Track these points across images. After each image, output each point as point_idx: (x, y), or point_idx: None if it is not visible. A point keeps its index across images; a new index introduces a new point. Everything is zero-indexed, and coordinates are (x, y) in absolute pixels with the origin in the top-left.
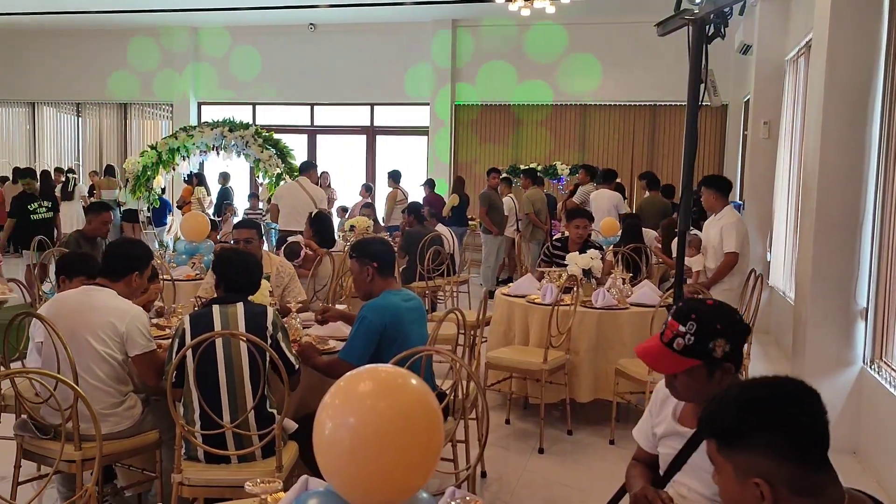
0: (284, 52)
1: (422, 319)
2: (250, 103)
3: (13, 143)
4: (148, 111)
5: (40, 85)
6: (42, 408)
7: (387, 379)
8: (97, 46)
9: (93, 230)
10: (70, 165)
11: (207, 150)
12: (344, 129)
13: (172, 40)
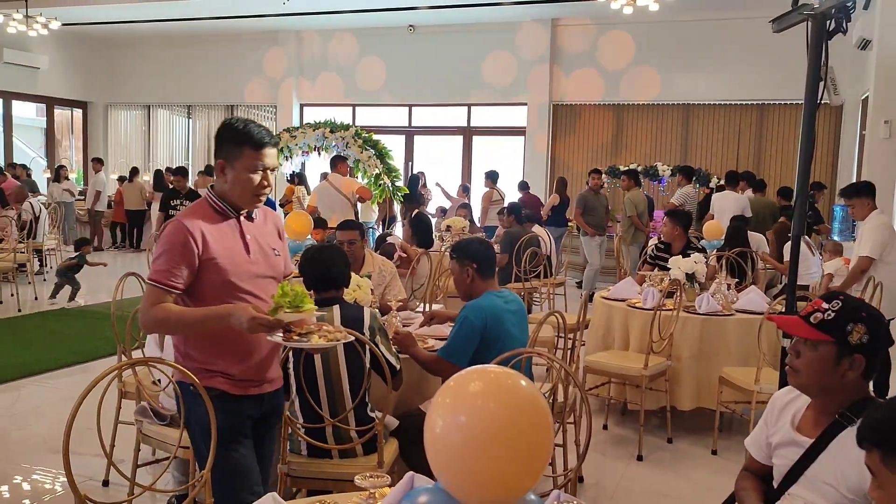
0: (383, 53)
1: (523, 321)
2: (350, 105)
3: (130, 143)
4: (253, 113)
5: (155, 89)
6: (160, 395)
7: (497, 379)
8: (206, 52)
9: None
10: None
11: (309, 151)
12: (441, 130)
13: (277, 44)
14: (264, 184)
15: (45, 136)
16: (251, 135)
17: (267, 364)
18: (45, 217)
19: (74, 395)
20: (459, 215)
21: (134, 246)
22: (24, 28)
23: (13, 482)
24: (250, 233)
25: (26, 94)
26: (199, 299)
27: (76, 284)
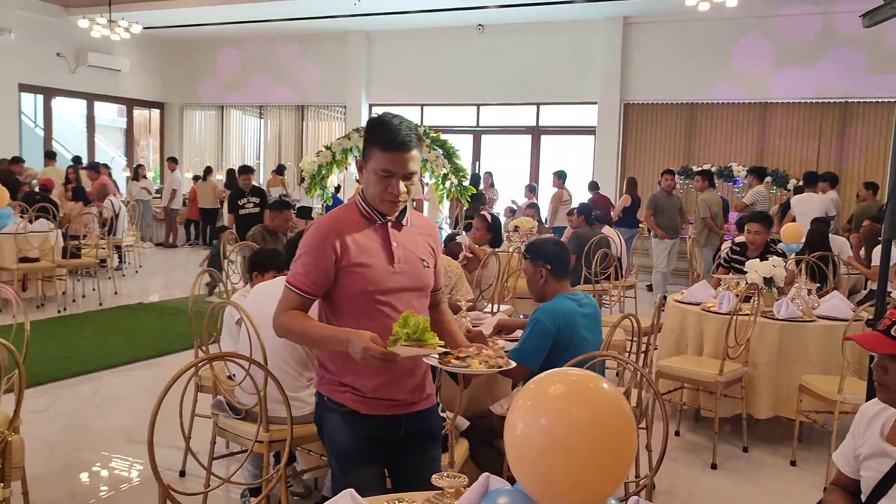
0: (452, 53)
1: (596, 324)
2: (418, 104)
3: (204, 143)
4: (323, 113)
5: (228, 90)
6: (235, 390)
7: (578, 382)
8: (278, 53)
9: (275, 226)
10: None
11: None
12: (509, 130)
13: (346, 45)
14: (392, 191)
15: (124, 136)
16: (381, 135)
17: (409, 383)
18: (125, 214)
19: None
20: (527, 215)
21: (207, 243)
22: (107, 32)
23: (92, 470)
24: (398, 241)
25: (108, 96)
26: (337, 307)
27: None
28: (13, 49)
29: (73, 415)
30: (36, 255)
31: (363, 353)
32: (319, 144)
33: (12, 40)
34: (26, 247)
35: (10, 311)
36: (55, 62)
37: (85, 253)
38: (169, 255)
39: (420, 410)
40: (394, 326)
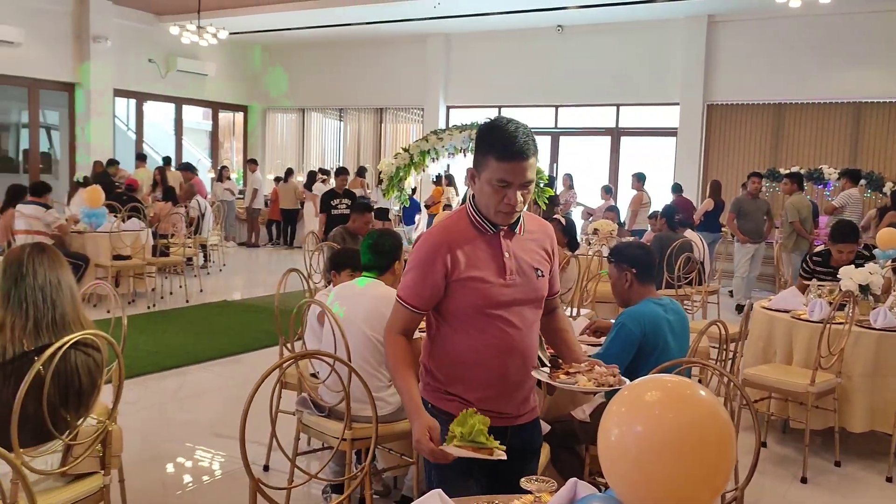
0: (531, 54)
1: (682, 330)
2: (496, 106)
3: (286, 145)
4: (401, 115)
5: (309, 93)
6: (319, 387)
7: (675, 389)
8: (358, 56)
9: (356, 228)
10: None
11: (456, 153)
12: (588, 131)
13: (426, 48)
14: (508, 202)
15: (209, 139)
16: (497, 142)
17: (516, 396)
18: (210, 214)
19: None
20: (607, 218)
21: (288, 243)
22: (196, 38)
23: (177, 461)
24: (510, 251)
25: (195, 100)
26: (448, 319)
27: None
28: (109, 55)
29: (160, 407)
30: (128, 253)
31: (416, 444)
32: (397, 146)
33: (109, 47)
34: (119, 245)
35: (105, 305)
36: (147, 68)
37: (173, 251)
38: (251, 255)
39: (524, 423)
40: (452, 424)
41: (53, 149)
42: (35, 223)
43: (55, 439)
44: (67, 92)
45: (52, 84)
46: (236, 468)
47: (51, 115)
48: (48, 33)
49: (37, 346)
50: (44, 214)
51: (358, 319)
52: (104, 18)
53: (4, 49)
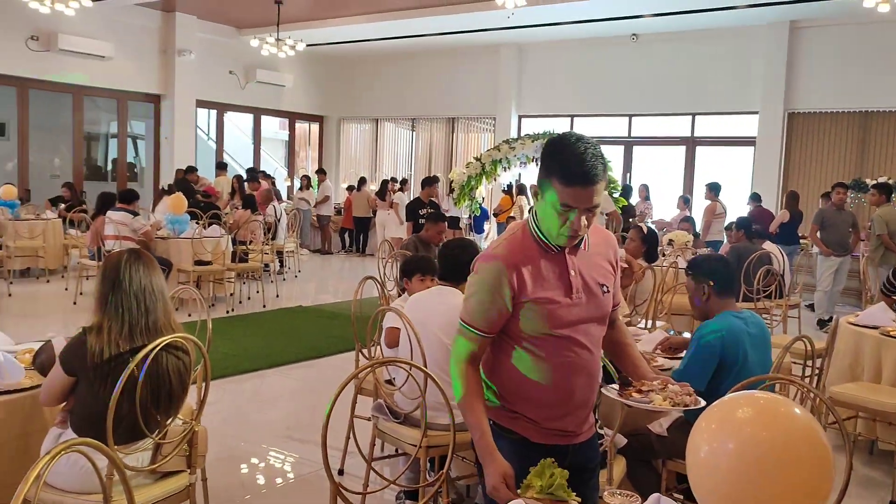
0: (604, 63)
1: (764, 345)
2: (569, 115)
3: (359, 155)
4: (473, 125)
5: (382, 103)
6: (395, 394)
7: (768, 406)
8: (431, 66)
9: (429, 237)
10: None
11: (527, 162)
12: (662, 140)
13: (498, 58)
14: (572, 227)
15: (286, 148)
16: (563, 164)
17: (580, 415)
18: (285, 220)
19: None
20: (682, 229)
21: (360, 251)
22: (274, 50)
23: (251, 461)
24: (576, 268)
25: (273, 110)
26: (514, 339)
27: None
28: (193, 68)
29: (237, 409)
30: (209, 259)
31: (490, 490)
32: (469, 156)
33: (192, 60)
34: (201, 251)
35: (187, 309)
36: (228, 79)
37: (251, 258)
38: (324, 262)
39: (584, 441)
40: (531, 475)
41: (139, 158)
42: (123, 229)
43: (146, 438)
44: (153, 103)
45: (140, 96)
46: (309, 471)
47: (137, 126)
48: (137, 48)
49: (131, 348)
50: (131, 221)
51: (434, 326)
52: (188, 33)
53: (97, 63)
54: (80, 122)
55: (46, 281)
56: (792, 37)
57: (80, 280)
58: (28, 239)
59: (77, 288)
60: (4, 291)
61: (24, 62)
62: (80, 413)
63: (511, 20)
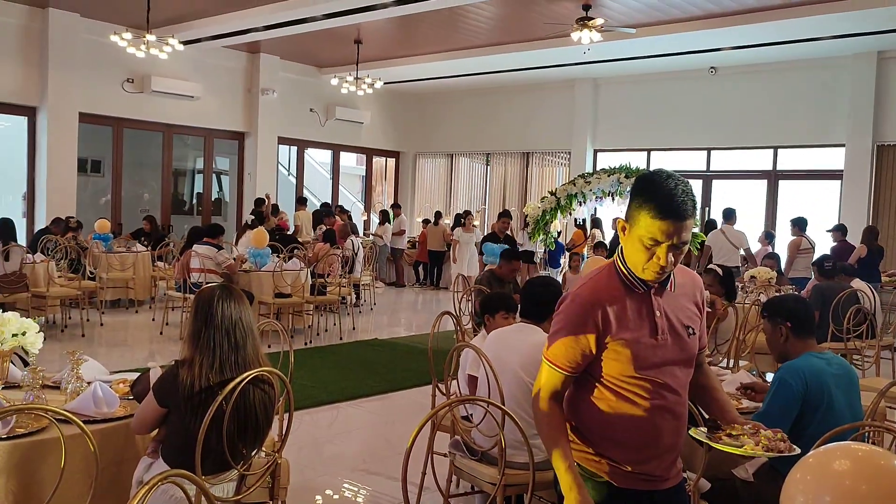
0: (682, 96)
1: (851, 386)
2: (645, 149)
3: (434, 189)
4: (548, 159)
5: (457, 138)
6: (472, 431)
7: (867, 459)
8: (505, 101)
9: (503, 273)
10: (477, 209)
11: (603, 196)
12: (742, 174)
13: (574, 92)
14: (659, 262)
15: (362, 183)
16: (654, 199)
17: (667, 459)
18: (362, 254)
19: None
20: (765, 265)
21: (434, 284)
22: (353, 88)
23: (325, 493)
24: (662, 309)
25: (351, 146)
26: (599, 380)
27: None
28: (275, 106)
29: (314, 440)
30: (288, 292)
31: None
32: (543, 190)
33: (274, 99)
34: (281, 284)
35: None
36: (308, 117)
37: (329, 290)
38: (398, 295)
39: (671, 487)
40: None
41: (223, 193)
42: (207, 262)
43: (232, 469)
44: (237, 140)
45: (225, 133)
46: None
47: (222, 162)
48: (223, 88)
49: (220, 381)
50: (216, 254)
51: (514, 364)
52: (272, 73)
53: (186, 103)
54: (170, 158)
55: (135, 311)
56: (880, 67)
57: (167, 311)
58: (119, 271)
59: (164, 318)
60: (97, 321)
61: (120, 103)
62: (171, 443)
63: (587, 55)
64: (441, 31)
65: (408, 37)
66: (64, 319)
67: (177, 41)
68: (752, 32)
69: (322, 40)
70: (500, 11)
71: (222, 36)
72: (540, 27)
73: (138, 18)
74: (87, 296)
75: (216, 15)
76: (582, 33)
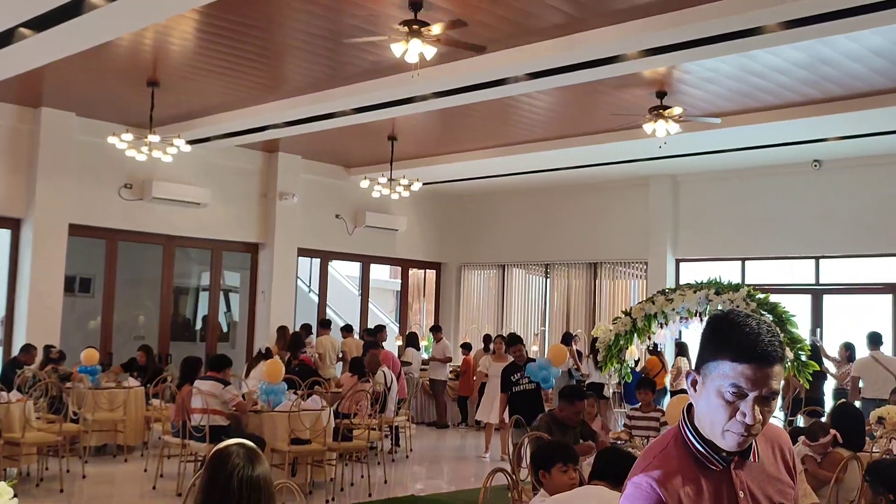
0: (780, 195)
1: None
2: (737, 258)
3: (482, 306)
4: (619, 270)
5: (510, 246)
6: None
7: None
8: (567, 204)
9: (565, 416)
10: (535, 332)
11: (689, 317)
12: (861, 287)
13: (649, 192)
14: (744, 420)
15: (396, 299)
16: (732, 339)
17: None
18: (395, 388)
19: None
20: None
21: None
22: (387, 192)
23: None
24: (745, 488)
25: (383, 257)
26: None
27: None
28: (295, 213)
29: None
30: (307, 437)
31: None
32: (615, 308)
33: (294, 204)
34: (299, 427)
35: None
36: (333, 224)
37: (356, 434)
38: (440, 438)
39: None
40: None
41: (231, 314)
42: (212, 401)
43: None
44: (250, 253)
45: (236, 245)
46: None
47: (231, 278)
48: (235, 192)
49: None
50: (221, 392)
51: None
52: (292, 174)
53: (191, 210)
54: (170, 274)
55: (124, 460)
56: None
57: (161, 460)
58: (107, 411)
59: (158, 469)
60: (79, 472)
61: (115, 212)
62: None
63: (663, 149)
64: (489, 124)
65: (450, 131)
66: (40, 471)
67: (183, 141)
68: (863, 119)
69: (350, 137)
70: (558, 101)
71: (235, 134)
72: (606, 118)
73: (140, 117)
74: (68, 441)
75: (228, 111)
76: (657, 124)
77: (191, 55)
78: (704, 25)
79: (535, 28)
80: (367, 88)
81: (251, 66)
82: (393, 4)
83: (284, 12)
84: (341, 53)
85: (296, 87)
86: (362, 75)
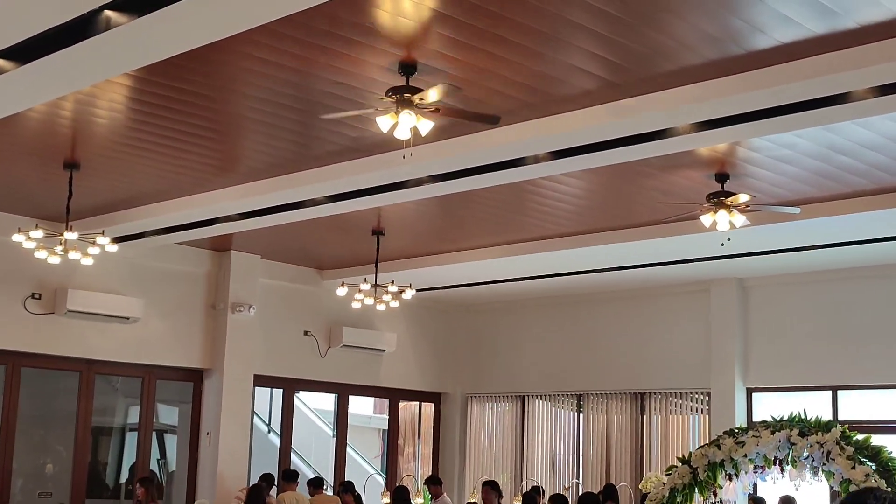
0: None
1: None
2: (828, 387)
3: (495, 450)
4: (673, 402)
5: (532, 371)
6: None
7: None
8: (603, 316)
9: None
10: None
11: (767, 465)
12: None
13: (708, 299)
14: None
15: (382, 440)
16: None
17: None
18: None
19: None
20: None
21: None
22: (370, 301)
23: None
24: None
25: (366, 387)
26: None
27: None
28: (252, 329)
29: None
30: None
31: None
32: (669, 453)
33: (251, 318)
34: None
35: None
36: (301, 343)
37: None
38: None
39: None
40: None
41: (166, 461)
42: None
43: None
44: (193, 382)
45: (174, 372)
46: None
47: (167, 414)
48: (174, 303)
49: None
50: None
51: None
52: (248, 279)
53: (116, 327)
54: (88, 410)
55: None
56: None
57: None
58: None
59: None
60: None
61: (18, 331)
62: None
63: (727, 246)
64: (502, 214)
65: (452, 224)
66: None
67: (107, 239)
68: None
69: (324, 232)
70: (590, 185)
71: (175, 229)
72: (653, 207)
73: (54, 208)
74: None
75: (167, 199)
76: (717, 215)
77: (120, 130)
78: (776, 92)
79: (560, 95)
80: (345, 171)
81: (197, 143)
82: (380, 67)
83: (240, 77)
84: (312, 127)
85: (253, 170)
86: (339, 154)
